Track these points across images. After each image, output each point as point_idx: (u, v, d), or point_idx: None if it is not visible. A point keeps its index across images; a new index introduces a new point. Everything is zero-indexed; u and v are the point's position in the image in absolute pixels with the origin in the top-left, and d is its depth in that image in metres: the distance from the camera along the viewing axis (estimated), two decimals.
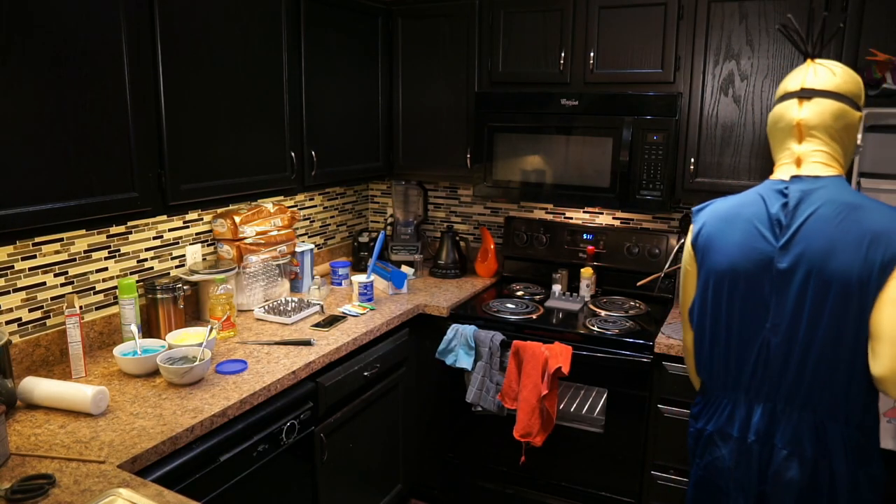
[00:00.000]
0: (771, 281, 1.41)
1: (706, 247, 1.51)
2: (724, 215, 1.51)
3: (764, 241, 1.43)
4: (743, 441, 1.48)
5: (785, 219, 1.41)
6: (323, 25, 2.55)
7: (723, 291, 1.48)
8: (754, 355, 1.45)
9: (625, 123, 2.55)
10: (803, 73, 1.48)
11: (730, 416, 1.51)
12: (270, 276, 2.69)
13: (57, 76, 1.62)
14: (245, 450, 1.84)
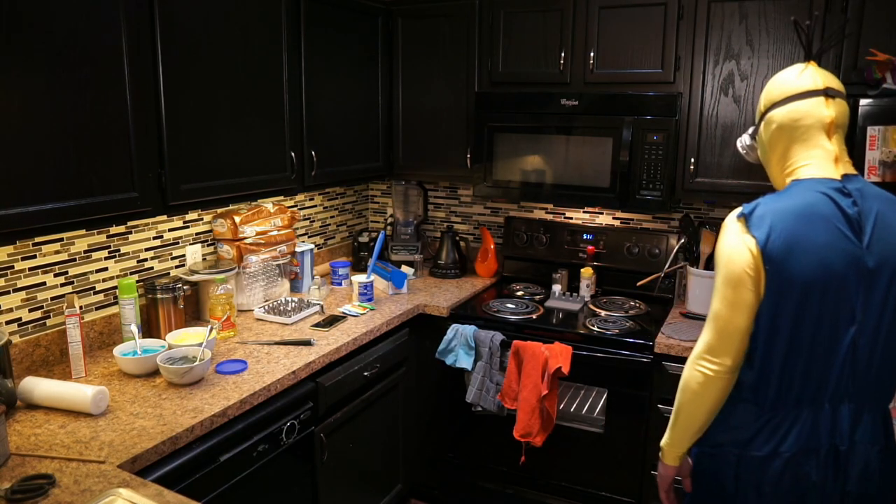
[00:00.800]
0: (858, 281, 1.37)
1: (787, 250, 1.36)
2: (795, 214, 1.38)
3: (849, 241, 1.37)
4: (833, 450, 1.40)
5: (860, 217, 1.38)
6: (323, 25, 2.55)
7: (811, 297, 1.37)
8: (841, 359, 1.38)
9: (625, 123, 2.55)
10: (813, 74, 1.47)
11: (813, 427, 1.40)
12: (270, 276, 2.69)
13: (56, 76, 1.62)
14: (245, 450, 1.84)
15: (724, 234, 1.45)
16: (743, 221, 1.42)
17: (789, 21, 2.35)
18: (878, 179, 1.99)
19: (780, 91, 1.51)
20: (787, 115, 1.48)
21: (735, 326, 1.41)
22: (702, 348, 1.47)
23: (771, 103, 1.52)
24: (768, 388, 1.42)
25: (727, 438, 1.48)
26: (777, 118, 1.49)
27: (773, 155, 1.53)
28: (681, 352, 2.36)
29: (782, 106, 1.49)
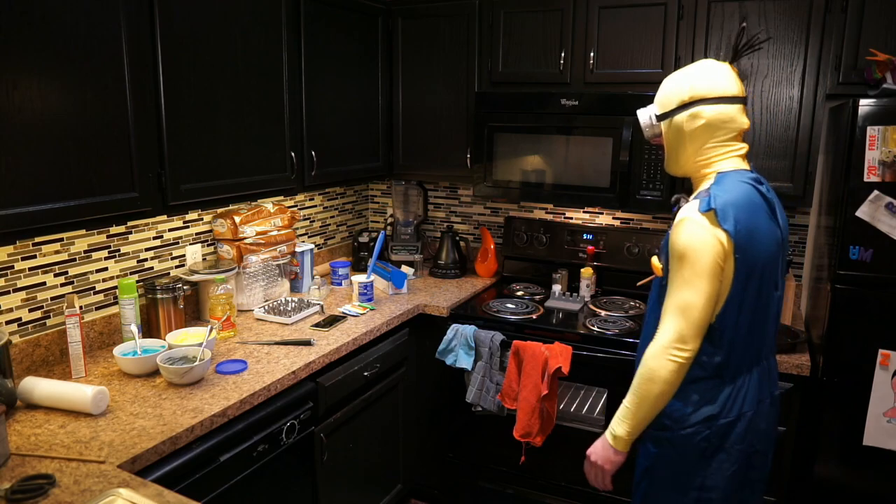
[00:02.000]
0: (778, 255, 1.61)
1: (749, 239, 1.52)
2: (745, 207, 1.54)
3: (775, 224, 1.60)
4: (773, 398, 1.66)
5: (773, 203, 1.63)
6: (323, 25, 2.55)
7: (764, 278, 1.57)
8: (772, 320, 1.64)
9: (625, 123, 2.55)
10: (737, 80, 1.63)
11: (760, 383, 1.62)
12: (270, 276, 2.69)
13: (57, 76, 1.62)
14: (245, 450, 1.84)
15: (692, 229, 1.53)
16: (712, 216, 1.52)
17: (789, 21, 2.35)
18: (878, 179, 1.99)
19: (711, 89, 1.60)
20: (717, 115, 1.60)
21: (706, 315, 1.55)
22: (673, 338, 1.56)
23: (700, 97, 1.60)
24: (731, 362, 1.59)
25: (698, 419, 1.60)
26: (706, 115, 1.60)
27: (691, 145, 1.64)
28: None
29: (713, 105, 1.60)
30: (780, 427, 2.29)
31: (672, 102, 1.64)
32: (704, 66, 1.64)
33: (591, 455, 1.74)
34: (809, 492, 2.21)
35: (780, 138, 2.43)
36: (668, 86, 1.67)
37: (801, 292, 2.77)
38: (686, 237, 1.53)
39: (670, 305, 1.57)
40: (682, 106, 1.62)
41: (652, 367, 1.58)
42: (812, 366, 2.23)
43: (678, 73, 1.67)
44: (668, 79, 1.69)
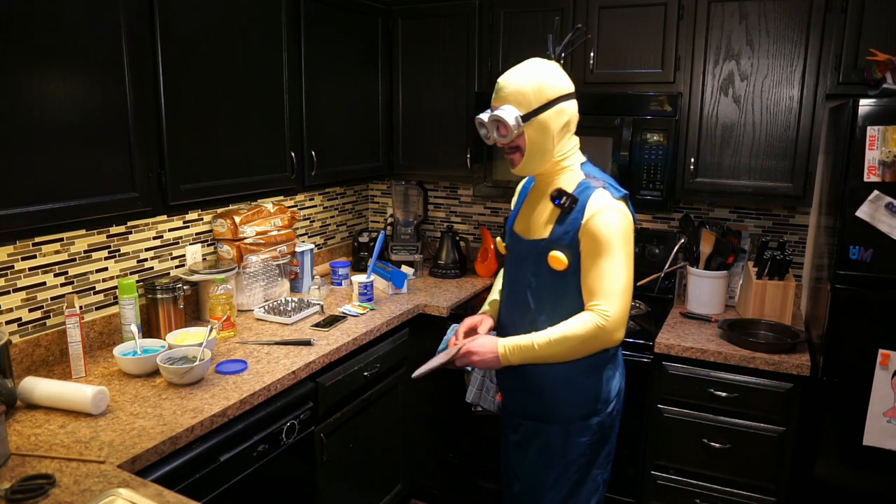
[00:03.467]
0: None
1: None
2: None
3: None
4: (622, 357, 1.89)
5: None
6: (323, 25, 2.55)
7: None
8: None
9: (625, 123, 2.55)
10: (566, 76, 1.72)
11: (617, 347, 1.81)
12: (270, 276, 2.69)
13: (57, 76, 1.62)
14: (245, 450, 1.84)
15: (617, 216, 1.63)
16: (625, 202, 1.68)
17: (789, 21, 2.35)
18: (878, 179, 1.99)
19: (566, 86, 1.69)
20: (573, 110, 1.71)
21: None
22: (621, 319, 1.64)
23: (562, 94, 1.67)
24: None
25: (615, 393, 1.80)
26: (569, 111, 1.70)
27: (558, 142, 1.70)
28: (681, 352, 2.37)
29: (570, 101, 1.70)
30: (780, 427, 2.29)
31: (534, 101, 1.65)
32: (550, 65, 1.69)
33: (477, 356, 1.73)
34: (809, 492, 2.22)
35: (780, 138, 2.43)
36: (523, 85, 1.65)
37: (801, 292, 2.78)
38: (615, 223, 1.62)
39: (612, 288, 1.62)
40: (548, 104, 1.65)
41: (593, 337, 1.63)
42: (812, 366, 2.24)
43: (527, 73, 1.67)
44: (515, 80, 1.67)
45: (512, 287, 1.83)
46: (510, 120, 1.65)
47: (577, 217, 1.65)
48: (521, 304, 1.79)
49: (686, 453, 2.42)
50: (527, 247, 1.76)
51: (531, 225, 1.76)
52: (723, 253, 2.68)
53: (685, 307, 2.77)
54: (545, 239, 1.70)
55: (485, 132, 1.76)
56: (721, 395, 2.33)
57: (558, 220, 1.68)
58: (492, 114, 1.69)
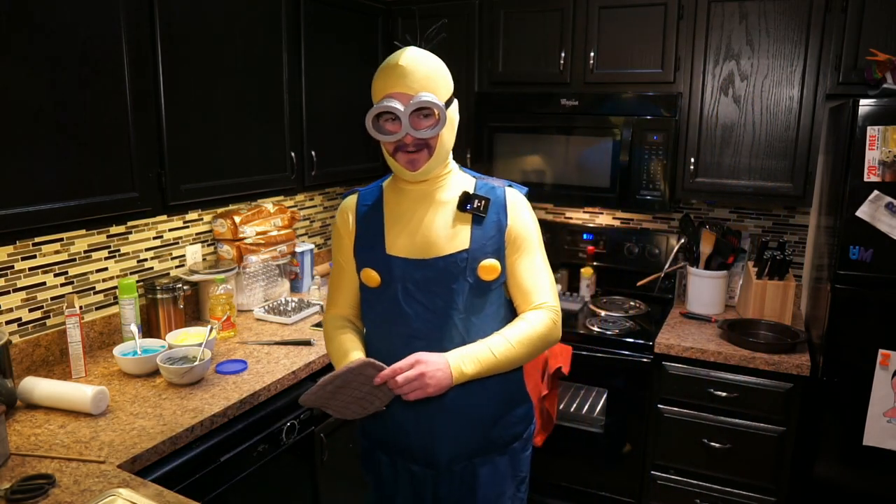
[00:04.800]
0: None
1: None
2: None
3: None
4: None
5: None
6: (323, 25, 2.55)
7: None
8: None
9: (625, 123, 2.55)
10: None
11: None
12: (270, 276, 2.69)
13: (57, 76, 1.62)
14: (245, 450, 1.84)
15: (531, 211, 1.53)
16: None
17: (789, 21, 2.35)
18: (878, 179, 1.99)
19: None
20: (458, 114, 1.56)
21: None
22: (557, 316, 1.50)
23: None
24: None
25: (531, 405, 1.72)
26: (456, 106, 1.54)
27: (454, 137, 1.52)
28: (681, 352, 2.37)
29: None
30: (781, 427, 2.29)
31: (446, 92, 1.47)
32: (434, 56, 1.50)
33: (428, 376, 1.35)
34: (809, 492, 2.22)
35: (780, 138, 2.43)
36: (437, 70, 1.46)
37: (801, 292, 2.78)
38: (534, 219, 1.53)
39: (548, 283, 1.50)
40: (452, 96, 1.50)
41: (549, 333, 1.47)
42: (812, 366, 2.24)
43: (432, 59, 1.47)
44: (425, 63, 1.44)
45: (418, 322, 1.45)
46: (441, 108, 1.40)
47: (500, 219, 1.46)
48: (440, 338, 1.44)
49: (686, 453, 2.42)
50: (436, 266, 1.44)
51: (431, 239, 1.45)
52: (723, 253, 2.68)
53: (685, 307, 2.77)
54: (467, 250, 1.44)
55: (392, 123, 1.41)
56: (721, 395, 2.33)
57: (475, 226, 1.45)
58: (421, 98, 1.38)
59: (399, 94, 1.40)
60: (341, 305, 1.60)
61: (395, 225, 1.49)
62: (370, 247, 1.50)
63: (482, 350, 1.41)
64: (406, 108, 1.38)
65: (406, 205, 1.50)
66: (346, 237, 1.55)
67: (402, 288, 1.46)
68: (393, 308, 1.47)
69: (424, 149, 1.42)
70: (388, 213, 1.51)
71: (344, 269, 1.57)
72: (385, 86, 1.41)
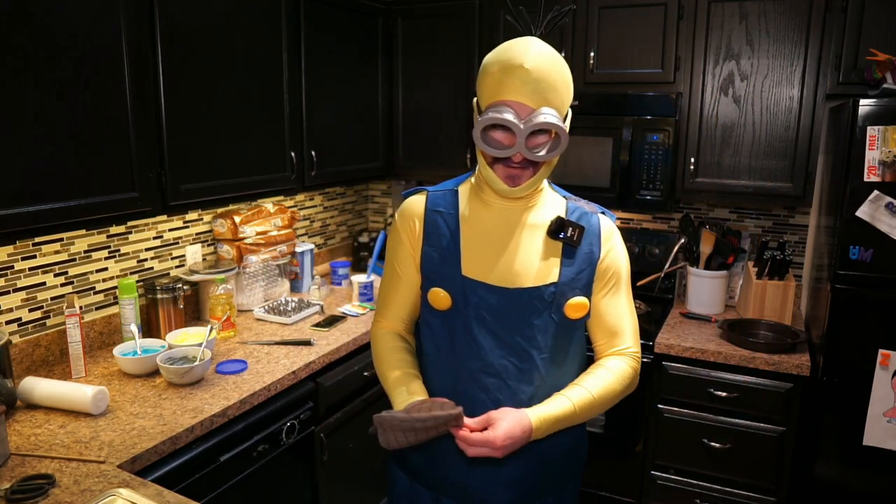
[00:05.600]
0: None
1: None
2: None
3: None
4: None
5: None
6: (323, 25, 2.55)
7: None
8: None
9: (625, 123, 2.55)
10: None
11: None
12: (270, 276, 2.69)
13: (57, 76, 1.62)
14: (245, 450, 1.84)
15: (622, 243, 1.42)
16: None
17: (789, 21, 2.35)
18: (878, 179, 1.99)
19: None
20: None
21: None
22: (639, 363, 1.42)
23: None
24: None
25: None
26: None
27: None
28: (681, 352, 2.37)
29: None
30: (781, 427, 2.29)
31: (567, 103, 1.26)
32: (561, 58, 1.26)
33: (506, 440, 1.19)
34: (809, 492, 2.21)
35: (780, 138, 2.43)
36: (565, 78, 1.23)
37: (801, 292, 2.78)
38: (626, 254, 1.39)
39: (634, 326, 1.39)
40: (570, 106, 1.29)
41: (631, 385, 1.36)
42: (812, 366, 2.24)
43: (558, 61, 1.22)
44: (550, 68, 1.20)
45: (492, 357, 1.29)
46: (565, 131, 1.22)
47: (593, 250, 1.33)
48: (518, 378, 1.30)
49: (686, 453, 2.42)
50: (519, 298, 1.29)
51: (515, 268, 1.29)
52: (723, 253, 2.68)
53: (685, 307, 2.77)
54: (555, 284, 1.29)
55: (502, 134, 1.21)
56: (721, 395, 2.33)
57: (565, 257, 1.31)
58: (545, 117, 1.18)
59: (518, 103, 1.19)
60: (393, 318, 1.42)
61: (474, 242, 1.31)
62: (442, 263, 1.31)
63: (565, 409, 1.27)
64: (525, 125, 1.18)
65: (490, 221, 1.32)
66: (408, 245, 1.35)
67: (476, 316, 1.29)
68: (462, 337, 1.30)
69: (530, 167, 1.25)
70: (466, 226, 1.32)
71: (400, 279, 1.38)
72: (502, 89, 1.20)
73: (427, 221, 1.34)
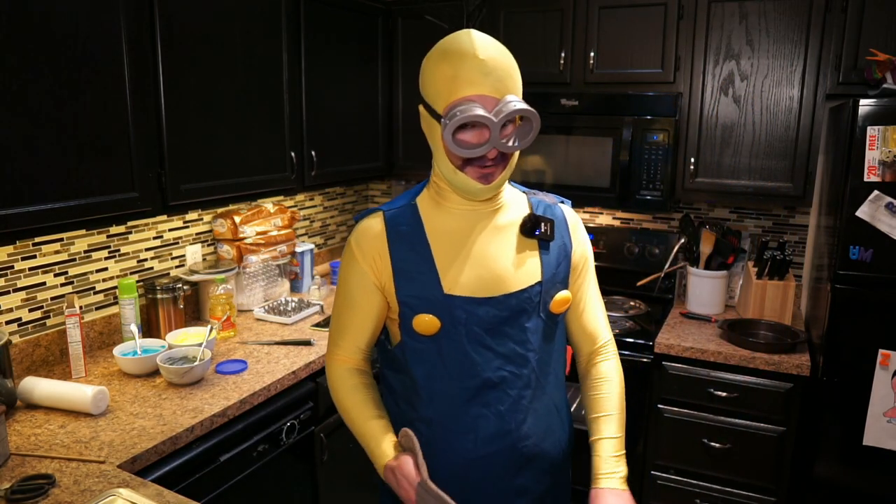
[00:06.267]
0: None
1: None
2: None
3: None
4: None
5: None
6: (323, 25, 2.55)
7: None
8: None
9: (625, 123, 2.55)
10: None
11: None
12: (270, 276, 2.69)
13: (57, 76, 1.62)
14: (245, 450, 1.84)
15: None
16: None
17: (789, 21, 2.35)
18: (878, 179, 1.99)
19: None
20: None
21: None
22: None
23: None
24: None
25: None
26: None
27: None
28: (681, 352, 2.37)
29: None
30: (781, 427, 2.29)
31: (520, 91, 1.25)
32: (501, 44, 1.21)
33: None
34: (809, 492, 2.21)
35: (780, 138, 2.43)
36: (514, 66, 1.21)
37: (801, 292, 2.78)
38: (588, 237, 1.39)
39: (603, 315, 1.40)
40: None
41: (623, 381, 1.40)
42: (812, 366, 2.24)
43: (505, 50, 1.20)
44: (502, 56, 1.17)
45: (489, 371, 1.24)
46: (534, 112, 1.19)
47: (565, 243, 1.31)
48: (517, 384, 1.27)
49: (686, 453, 2.42)
50: (507, 304, 1.24)
51: (498, 273, 1.24)
52: (723, 253, 2.68)
53: (685, 307, 2.77)
54: (540, 282, 1.26)
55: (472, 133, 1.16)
56: (721, 395, 2.33)
57: (543, 253, 1.28)
58: (513, 105, 1.13)
59: (481, 97, 1.14)
60: (349, 350, 1.33)
61: (448, 256, 1.23)
62: (420, 286, 1.22)
63: (621, 445, 1.32)
64: (498, 117, 1.12)
65: (458, 230, 1.25)
66: (369, 272, 1.25)
67: (467, 333, 1.22)
68: (455, 357, 1.23)
69: (501, 161, 1.20)
70: (435, 241, 1.24)
71: (359, 307, 1.28)
72: (459, 86, 1.13)
73: (392, 245, 1.24)
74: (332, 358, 1.35)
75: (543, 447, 1.33)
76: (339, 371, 1.34)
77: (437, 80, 1.16)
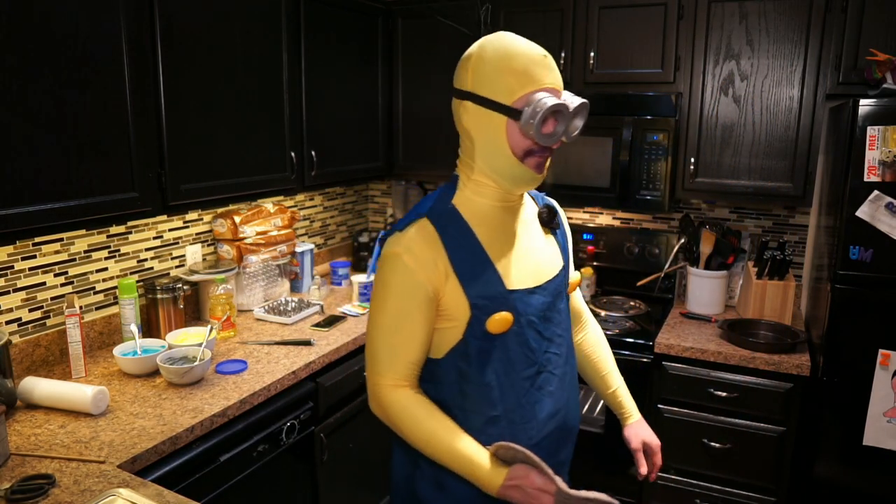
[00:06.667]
0: None
1: None
2: None
3: None
4: None
5: None
6: (323, 25, 2.55)
7: None
8: None
9: (625, 123, 2.55)
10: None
11: None
12: (270, 276, 2.69)
13: (57, 76, 1.62)
14: (245, 450, 1.84)
15: None
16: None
17: (789, 21, 2.35)
18: (878, 179, 1.99)
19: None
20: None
21: None
22: None
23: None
24: None
25: None
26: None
27: None
28: (681, 352, 2.37)
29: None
30: (781, 427, 2.29)
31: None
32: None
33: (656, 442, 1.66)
34: (809, 492, 2.22)
35: (780, 138, 2.43)
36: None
37: (801, 292, 2.78)
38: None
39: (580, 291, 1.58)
40: None
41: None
42: (812, 366, 2.24)
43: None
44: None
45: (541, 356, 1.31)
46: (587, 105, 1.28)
47: (564, 230, 1.44)
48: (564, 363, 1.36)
49: (686, 453, 2.42)
50: (549, 290, 1.32)
51: (538, 263, 1.31)
52: (723, 253, 2.68)
53: (685, 307, 2.77)
54: (564, 267, 1.38)
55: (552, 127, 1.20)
56: (721, 395, 2.33)
57: (557, 240, 1.39)
58: (580, 98, 1.24)
59: (553, 89, 1.20)
60: (403, 373, 1.25)
61: (498, 253, 1.26)
62: (484, 286, 1.23)
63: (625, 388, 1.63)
64: (577, 106, 1.21)
65: (499, 226, 1.28)
66: (427, 283, 1.20)
67: (528, 324, 1.27)
68: (520, 349, 1.27)
69: (548, 150, 1.25)
70: (483, 239, 1.26)
71: (414, 322, 1.22)
72: (534, 78, 1.17)
73: (449, 249, 1.22)
74: (382, 386, 1.25)
75: (579, 418, 1.49)
76: (399, 397, 1.24)
77: (503, 75, 1.18)
